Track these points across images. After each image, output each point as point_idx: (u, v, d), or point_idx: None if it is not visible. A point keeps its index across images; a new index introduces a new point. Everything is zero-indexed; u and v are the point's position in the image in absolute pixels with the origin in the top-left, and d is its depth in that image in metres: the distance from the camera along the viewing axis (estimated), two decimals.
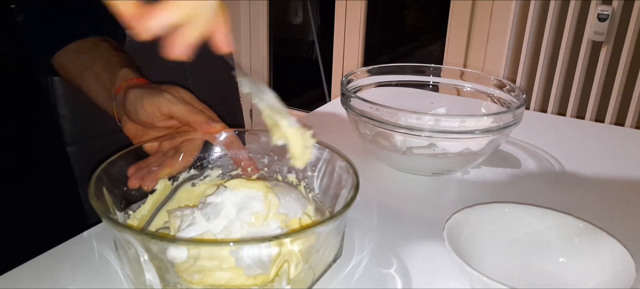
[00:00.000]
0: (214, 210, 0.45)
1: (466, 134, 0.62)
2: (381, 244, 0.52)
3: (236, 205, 0.46)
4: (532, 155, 0.76)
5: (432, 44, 2.36)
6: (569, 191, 0.66)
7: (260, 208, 0.46)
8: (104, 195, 0.47)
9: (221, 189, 0.47)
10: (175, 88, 0.57)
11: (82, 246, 0.50)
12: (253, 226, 0.45)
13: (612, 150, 0.81)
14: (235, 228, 0.44)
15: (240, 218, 0.45)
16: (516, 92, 0.71)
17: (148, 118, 0.56)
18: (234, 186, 0.47)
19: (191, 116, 0.55)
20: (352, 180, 0.48)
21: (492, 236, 0.49)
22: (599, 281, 0.44)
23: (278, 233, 0.45)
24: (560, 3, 1.69)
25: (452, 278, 0.48)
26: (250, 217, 0.45)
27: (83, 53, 0.68)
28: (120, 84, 0.61)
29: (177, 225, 0.46)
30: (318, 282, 0.46)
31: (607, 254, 0.45)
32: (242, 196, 0.46)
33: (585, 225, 0.48)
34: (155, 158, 0.55)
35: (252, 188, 0.47)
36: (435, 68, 0.81)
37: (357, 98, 0.66)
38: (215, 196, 0.47)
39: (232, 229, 0.44)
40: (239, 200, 0.46)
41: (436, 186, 0.67)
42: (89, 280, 0.46)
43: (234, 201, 0.46)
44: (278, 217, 0.46)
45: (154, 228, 0.51)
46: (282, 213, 0.47)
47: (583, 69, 1.72)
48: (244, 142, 0.58)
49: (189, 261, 0.40)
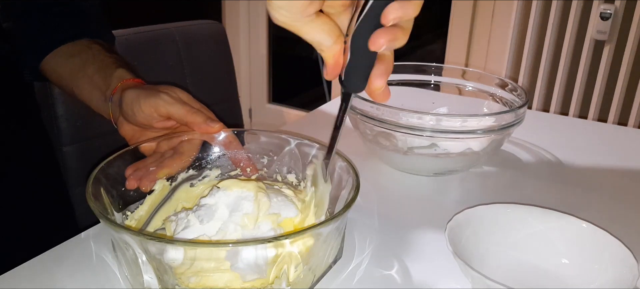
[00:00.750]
0: (208, 211, 0.45)
1: (468, 134, 0.61)
2: (382, 246, 0.52)
3: (229, 206, 0.45)
4: (534, 155, 0.76)
5: (434, 42, 2.35)
6: (572, 191, 0.66)
7: (250, 208, 0.45)
8: (102, 195, 0.46)
9: (214, 190, 0.47)
10: (172, 89, 0.57)
11: (80, 247, 0.50)
12: (245, 228, 0.44)
13: (615, 150, 0.80)
14: (229, 230, 0.44)
15: (232, 220, 0.45)
16: (518, 91, 0.70)
17: (145, 119, 0.56)
18: (227, 186, 0.47)
19: (189, 116, 0.54)
20: (352, 180, 0.48)
21: (494, 237, 0.49)
22: (601, 282, 0.44)
23: (270, 235, 0.44)
24: (562, 2, 1.68)
25: (453, 279, 0.47)
26: (243, 219, 0.45)
27: (74, 56, 0.66)
28: (115, 85, 0.60)
29: (172, 229, 0.46)
30: (318, 283, 0.45)
31: (610, 256, 0.45)
32: (234, 196, 0.46)
33: (588, 225, 0.48)
34: (154, 158, 0.54)
35: (244, 188, 0.47)
36: (437, 68, 0.80)
37: (357, 97, 0.65)
38: (209, 197, 0.46)
39: (227, 231, 0.44)
40: (231, 201, 0.46)
41: (437, 187, 0.66)
42: (87, 281, 0.45)
43: (227, 202, 0.46)
44: (269, 218, 0.46)
45: (152, 229, 0.51)
46: (273, 212, 0.46)
47: (586, 68, 1.71)
48: (242, 142, 0.58)
49: (186, 264, 0.39)
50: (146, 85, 0.60)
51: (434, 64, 0.80)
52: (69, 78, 0.66)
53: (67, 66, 0.66)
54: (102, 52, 0.66)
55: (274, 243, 0.40)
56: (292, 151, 0.57)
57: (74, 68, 0.65)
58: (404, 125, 0.61)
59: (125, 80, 0.60)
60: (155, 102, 0.54)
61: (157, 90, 0.56)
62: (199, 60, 1.07)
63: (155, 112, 0.55)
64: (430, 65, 0.80)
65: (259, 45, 2.44)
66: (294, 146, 0.57)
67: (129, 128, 0.59)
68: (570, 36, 1.69)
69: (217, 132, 0.56)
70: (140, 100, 0.55)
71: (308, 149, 0.56)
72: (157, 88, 0.56)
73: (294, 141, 0.57)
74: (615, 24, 1.62)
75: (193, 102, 0.57)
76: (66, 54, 0.67)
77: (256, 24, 2.42)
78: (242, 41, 2.45)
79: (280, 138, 0.57)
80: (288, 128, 0.81)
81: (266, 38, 2.42)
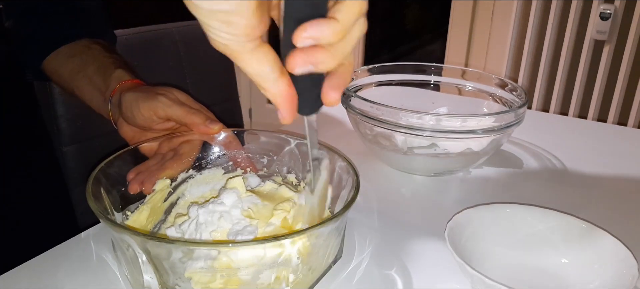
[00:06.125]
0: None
1: (468, 134, 0.61)
2: (382, 245, 0.52)
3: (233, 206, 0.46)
4: (534, 155, 0.76)
5: (433, 42, 2.35)
6: (571, 191, 0.66)
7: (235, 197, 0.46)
8: (102, 195, 0.46)
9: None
10: (170, 90, 0.57)
11: (80, 247, 0.50)
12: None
13: (614, 150, 0.80)
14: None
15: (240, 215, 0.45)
16: (518, 91, 0.70)
17: (145, 121, 0.56)
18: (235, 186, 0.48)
19: (189, 117, 0.54)
20: (352, 180, 0.48)
21: (494, 237, 0.49)
22: (601, 282, 0.44)
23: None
24: (562, 2, 1.68)
25: (453, 279, 0.47)
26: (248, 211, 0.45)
27: (74, 57, 0.66)
28: (114, 86, 0.60)
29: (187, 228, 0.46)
30: (318, 283, 0.45)
31: (610, 255, 0.45)
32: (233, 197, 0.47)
33: (588, 225, 0.48)
34: (155, 161, 0.54)
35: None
36: (437, 68, 0.80)
37: (357, 97, 0.65)
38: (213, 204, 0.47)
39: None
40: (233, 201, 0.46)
41: (437, 187, 0.66)
42: (87, 281, 0.45)
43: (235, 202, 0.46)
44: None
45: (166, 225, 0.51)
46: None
47: (585, 68, 1.71)
48: (242, 142, 0.58)
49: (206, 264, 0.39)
50: (145, 87, 0.60)
51: (434, 64, 0.80)
52: (69, 79, 0.66)
53: (68, 66, 0.66)
54: (102, 53, 0.66)
55: (275, 243, 0.40)
56: (292, 151, 0.57)
57: (74, 69, 0.65)
58: (404, 125, 0.61)
59: (124, 82, 0.60)
60: (153, 104, 0.54)
61: (155, 92, 0.56)
62: (199, 60, 1.07)
63: (154, 114, 0.55)
64: (430, 65, 0.80)
65: None
66: (294, 146, 0.57)
67: (129, 129, 0.59)
68: (570, 36, 1.69)
69: (216, 132, 0.56)
70: (139, 102, 0.55)
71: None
72: (155, 90, 0.56)
73: (294, 141, 0.57)
74: (615, 24, 1.62)
75: (192, 102, 0.57)
76: (66, 54, 0.67)
77: None
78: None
79: (280, 138, 0.57)
80: (288, 128, 0.80)
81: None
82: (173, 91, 0.57)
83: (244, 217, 0.46)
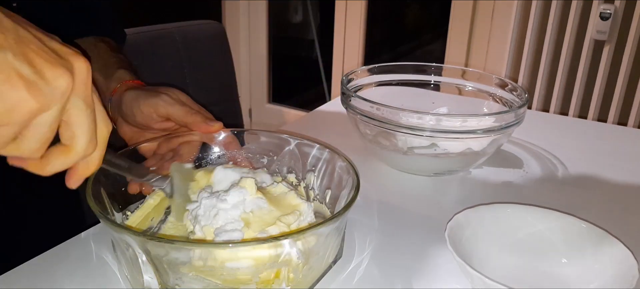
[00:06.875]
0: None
1: (468, 134, 0.61)
2: (382, 245, 0.52)
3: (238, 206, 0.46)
4: (534, 155, 0.76)
5: (433, 42, 2.35)
6: (572, 191, 0.66)
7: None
8: (102, 195, 0.46)
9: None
10: (171, 90, 0.57)
11: (80, 247, 0.50)
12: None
13: (615, 150, 0.80)
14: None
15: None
16: (518, 91, 0.70)
17: (144, 120, 0.56)
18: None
19: (188, 117, 0.54)
20: (352, 180, 0.48)
21: (494, 237, 0.49)
22: (601, 282, 0.44)
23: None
24: (562, 2, 1.68)
25: (453, 279, 0.47)
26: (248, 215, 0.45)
27: None
28: (115, 86, 0.60)
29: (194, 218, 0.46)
30: (318, 283, 0.45)
31: (610, 256, 0.45)
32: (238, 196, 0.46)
33: (588, 225, 0.48)
34: (154, 161, 0.54)
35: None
36: (437, 68, 0.80)
37: (357, 97, 0.65)
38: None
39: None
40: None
41: (437, 187, 0.66)
42: (87, 281, 0.45)
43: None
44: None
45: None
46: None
47: (585, 68, 1.71)
48: (242, 142, 0.58)
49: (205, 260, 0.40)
50: (146, 87, 0.60)
51: (434, 64, 0.80)
52: None
53: None
54: (107, 52, 0.66)
55: (275, 243, 0.40)
56: (292, 151, 0.57)
57: None
58: (404, 125, 0.61)
59: (125, 82, 0.60)
60: (154, 102, 0.54)
61: (156, 91, 0.56)
62: (199, 60, 1.07)
63: (155, 112, 0.55)
64: (430, 65, 0.80)
65: (259, 45, 2.44)
66: (294, 146, 0.57)
67: (128, 128, 0.59)
68: (570, 36, 1.69)
69: (216, 131, 0.56)
70: (139, 100, 0.55)
71: (308, 149, 0.56)
72: (156, 89, 0.56)
73: (294, 141, 0.57)
74: (615, 24, 1.62)
75: (192, 103, 0.57)
76: None
77: (256, 24, 2.42)
78: (242, 41, 2.45)
79: (280, 138, 0.57)
80: (288, 128, 0.81)
81: (266, 38, 2.42)
82: (174, 91, 0.57)
83: (239, 219, 0.45)
